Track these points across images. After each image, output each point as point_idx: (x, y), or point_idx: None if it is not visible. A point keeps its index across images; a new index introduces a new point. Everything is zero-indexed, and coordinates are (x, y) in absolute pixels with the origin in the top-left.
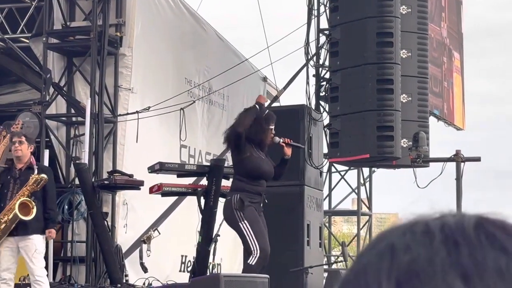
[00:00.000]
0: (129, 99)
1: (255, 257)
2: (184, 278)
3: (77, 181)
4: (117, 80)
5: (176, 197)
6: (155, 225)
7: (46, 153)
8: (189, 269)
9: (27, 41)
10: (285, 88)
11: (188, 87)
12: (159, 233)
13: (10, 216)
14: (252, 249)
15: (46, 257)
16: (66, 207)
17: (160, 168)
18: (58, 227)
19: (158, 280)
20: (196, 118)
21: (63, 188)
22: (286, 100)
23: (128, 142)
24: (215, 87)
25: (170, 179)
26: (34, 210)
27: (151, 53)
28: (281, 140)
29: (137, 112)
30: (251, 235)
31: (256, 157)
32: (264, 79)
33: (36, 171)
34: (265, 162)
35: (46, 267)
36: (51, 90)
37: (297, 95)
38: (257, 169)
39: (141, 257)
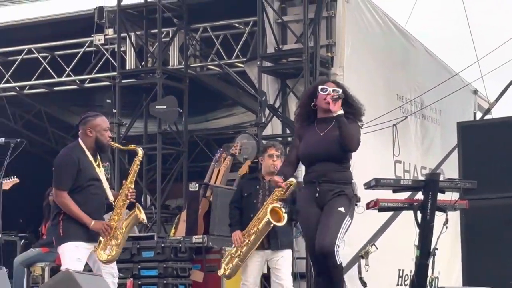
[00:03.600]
0: None
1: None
2: None
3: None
4: None
5: (392, 212)
6: (372, 240)
7: None
8: (406, 282)
9: (242, 65)
10: (497, 100)
11: (399, 103)
12: (377, 248)
13: (259, 226)
14: None
15: None
16: None
17: (376, 184)
18: None
19: None
20: (409, 133)
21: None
22: (498, 112)
23: None
24: (427, 102)
25: (385, 194)
26: (285, 216)
27: (361, 71)
28: (329, 97)
29: None
30: None
31: (306, 137)
32: (475, 92)
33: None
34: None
35: None
36: (267, 111)
37: (509, 107)
38: (301, 151)
39: (359, 272)
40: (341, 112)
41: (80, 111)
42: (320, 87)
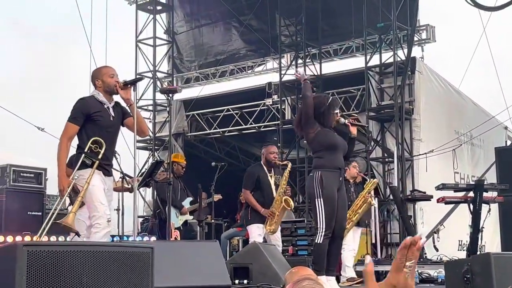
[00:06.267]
0: (419, 146)
1: (321, 235)
2: (461, 255)
3: (391, 197)
4: (412, 135)
5: (454, 204)
6: (441, 222)
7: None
8: (464, 249)
9: (356, 115)
10: None
11: (456, 135)
12: (444, 227)
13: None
14: (319, 226)
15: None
16: (386, 213)
17: (443, 187)
18: (381, 224)
19: (446, 256)
20: (463, 154)
21: (383, 201)
22: None
23: (420, 172)
24: (474, 134)
25: (449, 193)
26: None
27: (431, 116)
28: (347, 121)
29: (425, 153)
30: (322, 213)
31: (326, 130)
32: (505, 127)
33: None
34: (335, 135)
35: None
36: (372, 143)
37: None
38: (329, 140)
39: (433, 242)
40: (355, 135)
41: (258, 145)
42: (337, 111)
